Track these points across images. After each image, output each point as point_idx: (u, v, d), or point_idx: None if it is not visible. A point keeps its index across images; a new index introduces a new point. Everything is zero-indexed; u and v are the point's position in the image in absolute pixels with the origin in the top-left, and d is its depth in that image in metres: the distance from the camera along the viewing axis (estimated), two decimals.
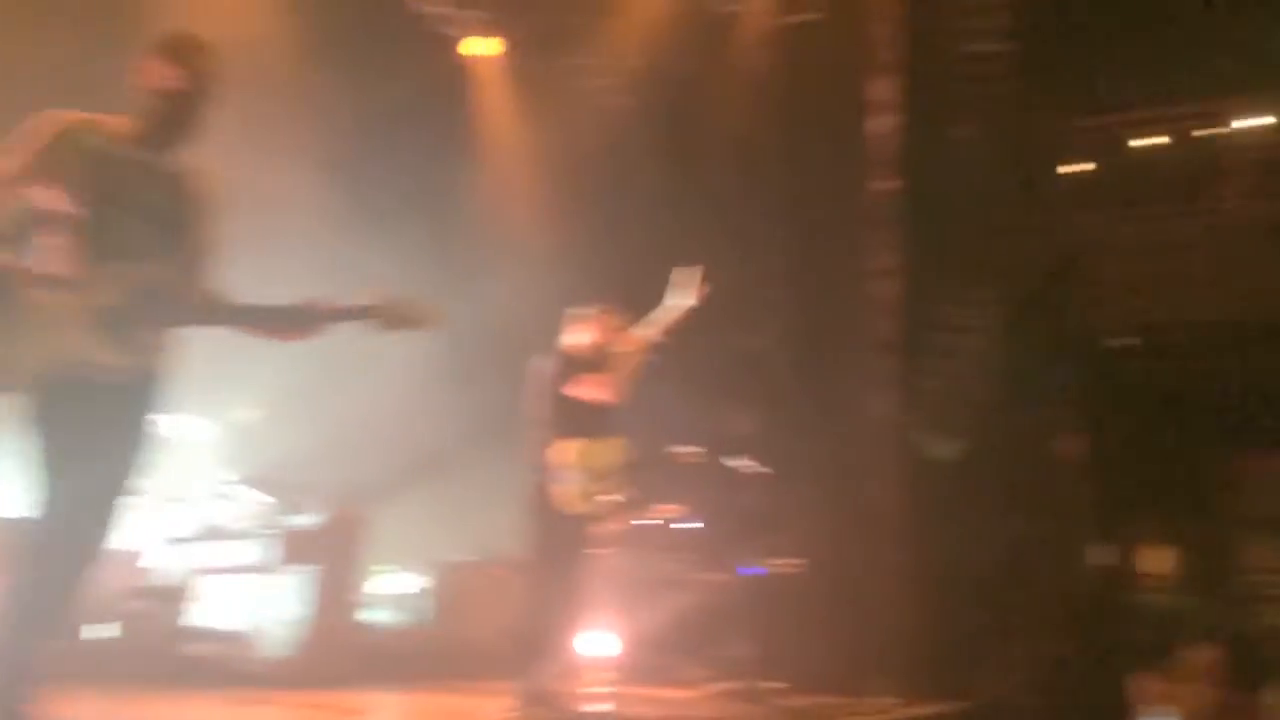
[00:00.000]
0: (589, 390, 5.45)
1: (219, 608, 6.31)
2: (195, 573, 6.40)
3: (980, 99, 8.68)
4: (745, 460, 7.24)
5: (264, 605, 6.23)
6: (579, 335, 5.52)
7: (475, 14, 9.23)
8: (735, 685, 6.52)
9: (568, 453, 5.28)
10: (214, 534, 6.55)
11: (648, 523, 7.38)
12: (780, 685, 6.48)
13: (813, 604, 7.21)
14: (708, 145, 8.67)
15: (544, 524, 5.35)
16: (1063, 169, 9.77)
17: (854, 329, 8.01)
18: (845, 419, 7.81)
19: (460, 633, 7.12)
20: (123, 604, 6.07)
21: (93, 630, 5.75)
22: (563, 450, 5.28)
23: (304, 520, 6.49)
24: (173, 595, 6.31)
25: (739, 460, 7.25)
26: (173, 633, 6.20)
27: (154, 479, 3.47)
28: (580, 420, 5.37)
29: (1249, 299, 8.81)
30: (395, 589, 7.64)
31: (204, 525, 6.61)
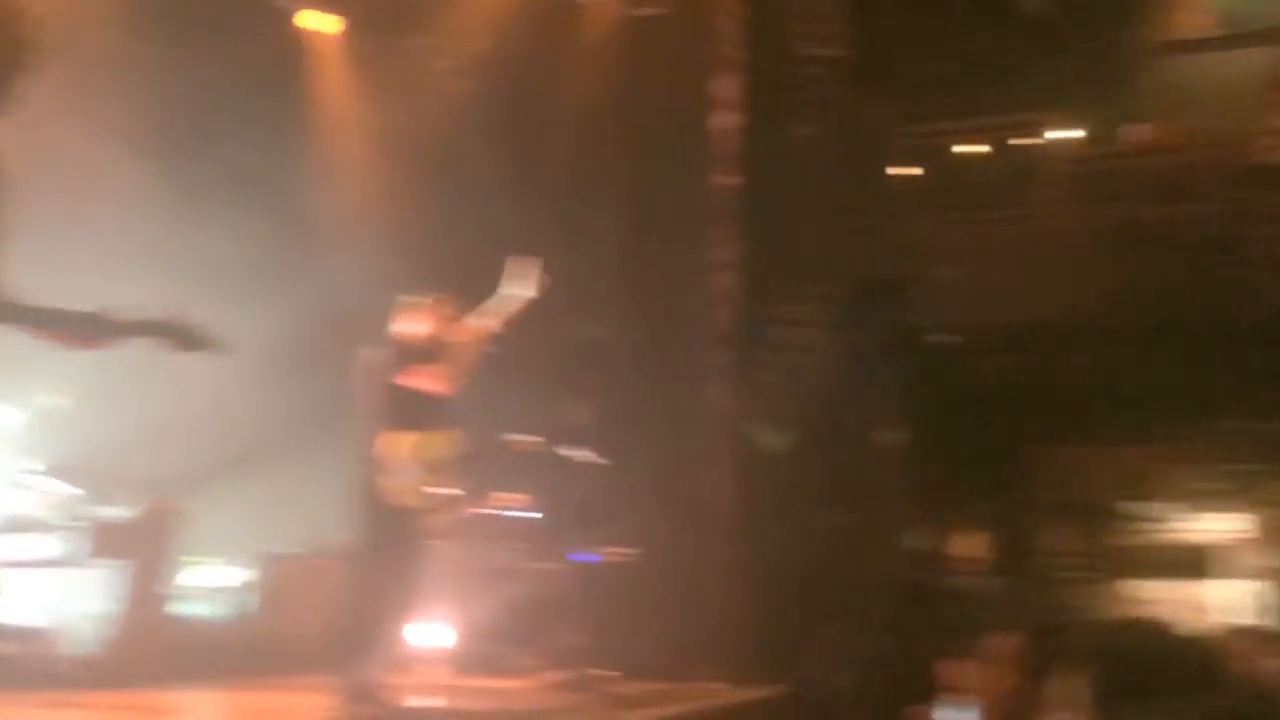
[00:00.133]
0: (422, 381, 5.37)
1: (21, 604, 5.95)
2: None
3: (818, 101, 8.93)
4: (581, 450, 7.27)
5: (70, 601, 5.93)
6: (412, 324, 5.43)
7: None
8: (566, 674, 6.54)
9: (400, 445, 5.19)
10: (16, 526, 6.19)
11: (483, 513, 7.33)
12: (611, 674, 6.53)
13: (645, 593, 7.29)
14: (549, 134, 8.63)
15: (374, 517, 5.25)
16: (892, 172, 10.15)
17: (691, 322, 8.13)
18: (681, 410, 7.92)
19: (283, 627, 6.90)
20: None
21: None
22: (394, 442, 5.19)
23: (114, 512, 6.20)
24: None
25: (575, 450, 7.27)
26: None
27: None
28: (413, 412, 5.29)
29: (1060, 302, 9.34)
30: (216, 582, 7.36)
31: (5, 516, 6.24)
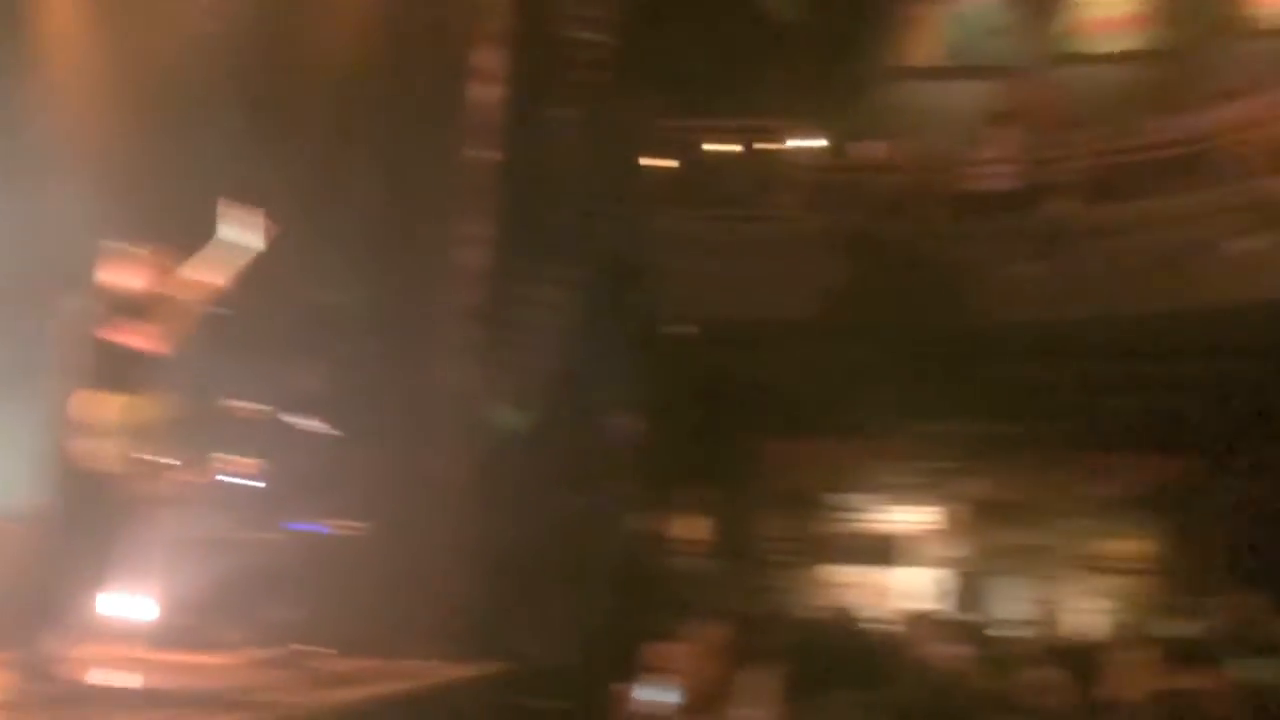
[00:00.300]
0: (134, 338, 5.06)
1: None
2: None
3: (580, 85, 9.01)
4: (310, 419, 7.05)
5: None
6: (126, 274, 5.10)
7: None
8: (273, 650, 6.36)
9: (105, 406, 4.88)
10: None
11: (196, 481, 6.98)
12: (325, 650, 6.39)
13: (366, 568, 7.17)
14: (302, 88, 8.28)
15: (69, 482, 4.92)
16: (647, 163, 10.40)
17: (437, 295, 8.02)
18: (418, 385, 7.82)
19: None
20: None
21: None
22: (99, 403, 4.87)
23: None
24: None
25: (303, 418, 7.05)
26: None
27: None
28: (121, 371, 4.98)
29: (787, 302, 9.88)
30: None
31: None
